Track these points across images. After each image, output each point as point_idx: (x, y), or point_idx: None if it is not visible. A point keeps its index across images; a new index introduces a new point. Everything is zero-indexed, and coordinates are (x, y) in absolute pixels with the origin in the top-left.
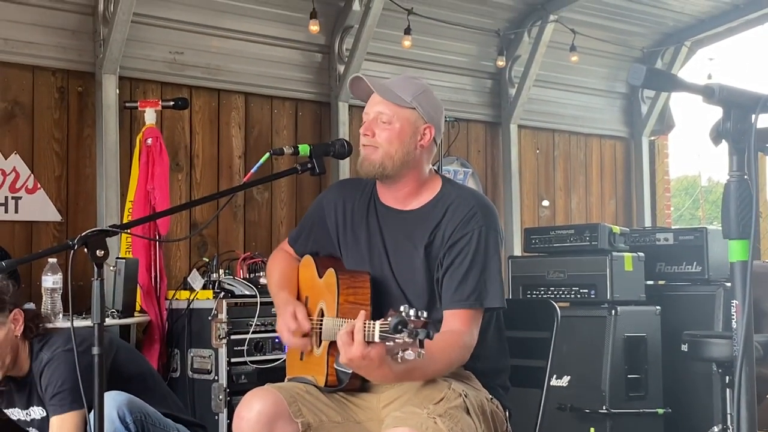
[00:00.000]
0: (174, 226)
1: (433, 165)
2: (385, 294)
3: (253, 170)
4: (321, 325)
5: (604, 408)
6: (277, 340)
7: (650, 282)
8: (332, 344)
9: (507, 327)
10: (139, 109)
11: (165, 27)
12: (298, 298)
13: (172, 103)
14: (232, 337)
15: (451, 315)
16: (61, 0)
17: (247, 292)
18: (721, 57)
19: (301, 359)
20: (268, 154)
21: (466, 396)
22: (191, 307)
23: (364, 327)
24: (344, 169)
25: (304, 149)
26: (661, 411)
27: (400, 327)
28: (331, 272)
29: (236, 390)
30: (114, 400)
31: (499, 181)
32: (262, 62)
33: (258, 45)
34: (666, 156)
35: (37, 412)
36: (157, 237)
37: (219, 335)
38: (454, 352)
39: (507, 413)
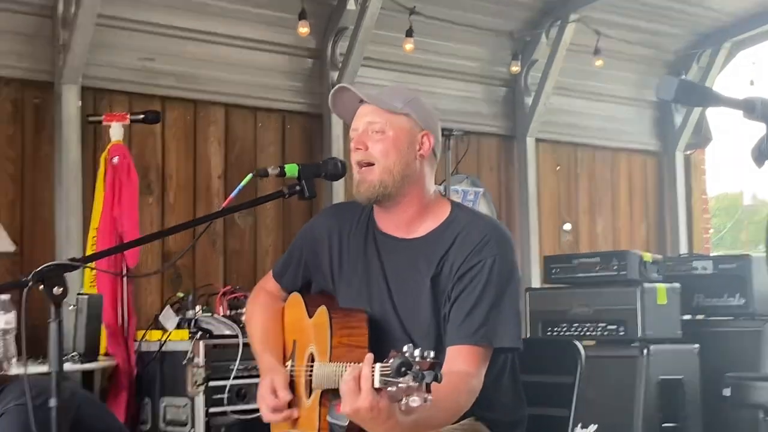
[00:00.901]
0: (144, 257)
1: (439, 185)
2: (386, 334)
3: (233, 194)
4: (311, 371)
5: None
6: None
7: (687, 317)
8: (324, 393)
9: (524, 370)
10: (104, 123)
11: (134, 30)
12: (285, 342)
13: (141, 116)
14: (211, 383)
15: (456, 352)
16: (15, 0)
17: (227, 332)
18: (765, 60)
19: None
20: (250, 176)
21: None
22: (164, 349)
23: (372, 374)
24: (338, 191)
25: (291, 170)
26: None
27: (403, 369)
28: (322, 311)
29: None
30: None
31: (515, 203)
32: (244, 69)
33: (240, 50)
34: (703, 172)
35: None
36: (125, 271)
37: (196, 381)
38: (462, 398)
39: None
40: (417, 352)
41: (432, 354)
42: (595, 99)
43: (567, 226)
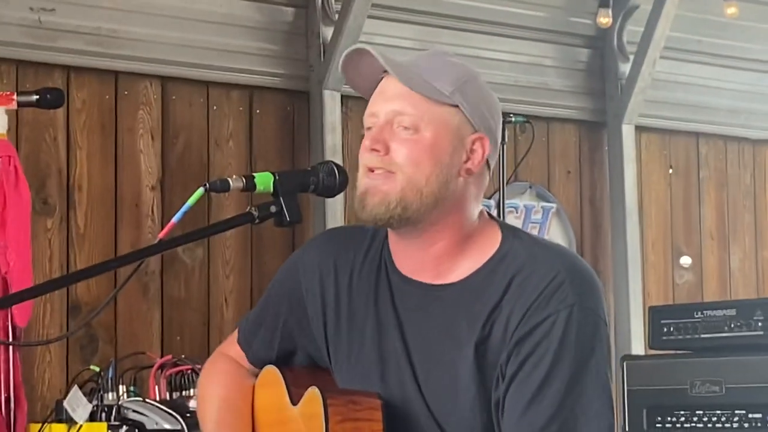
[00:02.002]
0: (39, 311)
1: (488, 198)
2: (408, 430)
3: (176, 218)
4: None
5: None
6: None
7: None
8: None
9: None
10: None
11: None
12: None
13: (35, 96)
14: None
15: None
16: None
17: (167, 426)
18: None
19: None
20: (201, 190)
21: None
22: None
23: None
24: (334, 213)
25: (263, 180)
26: None
27: None
28: (313, 396)
29: None
30: None
31: (605, 224)
32: (190, 23)
33: None
34: None
35: None
36: (10, 335)
37: None
38: None
39: None
40: None
41: None
42: (726, 65)
43: (685, 261)
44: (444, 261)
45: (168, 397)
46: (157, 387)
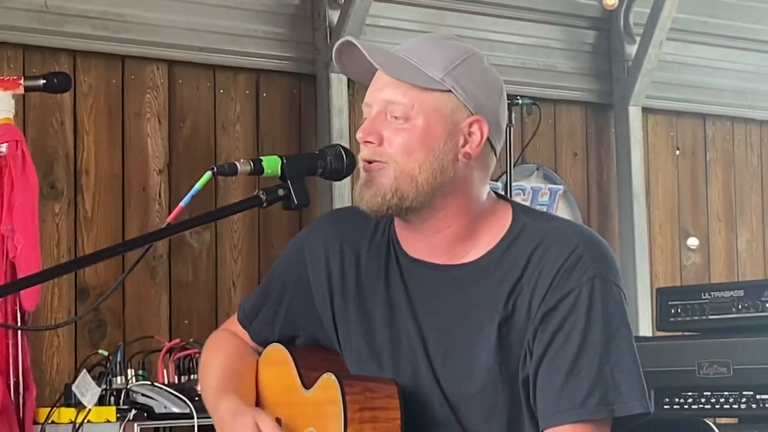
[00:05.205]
0: (48, 296)
1: (495, 180)
2: (420, 416)
3: (184, 202)
4: None
5: None
6: None
7: None
8: None
9: None
10: None
11: None
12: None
13: (42, 81)
14: None
15: None
16: None
17: (175, 409)
18: None
19: None
20: (209, 173)
21: None
22: None
23: None
24: (342, 196)
25: (271, 164)
26: None
27: None
28: (329, 381)
29: None
30: None
31: (612, 206)
32: (196, 8)
33: None
34: None
35: None
36: (18, 319)
37: None
38: None
39: None
40: None
41: None
42: (733, 46)
43: (693, 242)
44: (456, 245)
45: (176, 381)
46: (165, 371)
